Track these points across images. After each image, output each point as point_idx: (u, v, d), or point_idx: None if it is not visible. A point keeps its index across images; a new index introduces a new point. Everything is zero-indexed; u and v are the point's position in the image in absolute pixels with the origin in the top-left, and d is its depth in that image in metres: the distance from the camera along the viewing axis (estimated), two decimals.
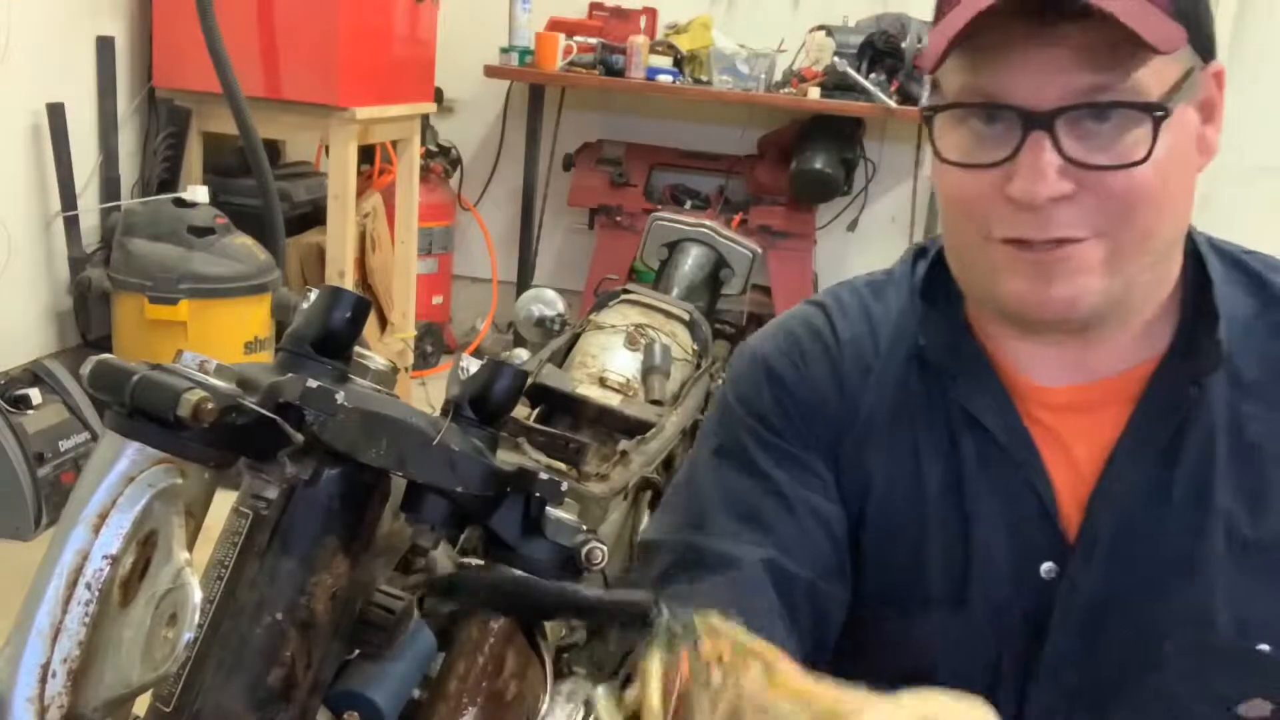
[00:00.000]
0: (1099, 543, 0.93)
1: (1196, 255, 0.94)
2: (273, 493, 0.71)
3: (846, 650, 0.98)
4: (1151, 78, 0.81)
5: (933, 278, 1.00)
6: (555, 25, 4.44)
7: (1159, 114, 0.81)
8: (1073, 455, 0.95)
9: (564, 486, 0.74)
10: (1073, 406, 0.95)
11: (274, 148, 3.91)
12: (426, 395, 3.98)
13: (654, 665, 0.65)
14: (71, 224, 3.27)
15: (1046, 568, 0.94)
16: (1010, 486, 0.95)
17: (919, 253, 1.05)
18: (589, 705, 0.84)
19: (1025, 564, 0.95)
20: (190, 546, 0.65)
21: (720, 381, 1.68)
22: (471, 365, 0.78)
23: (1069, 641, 0.94)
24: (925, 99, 0.91)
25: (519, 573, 0.75)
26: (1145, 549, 0.92)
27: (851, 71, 4.10)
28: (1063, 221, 0.84)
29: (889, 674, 0.71)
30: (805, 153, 4.24)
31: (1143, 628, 0.92)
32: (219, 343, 3.10)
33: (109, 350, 3.07)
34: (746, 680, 0.64)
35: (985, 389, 0.96)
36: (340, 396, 0.67)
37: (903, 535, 0.99)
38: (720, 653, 0.65)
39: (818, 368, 1.01)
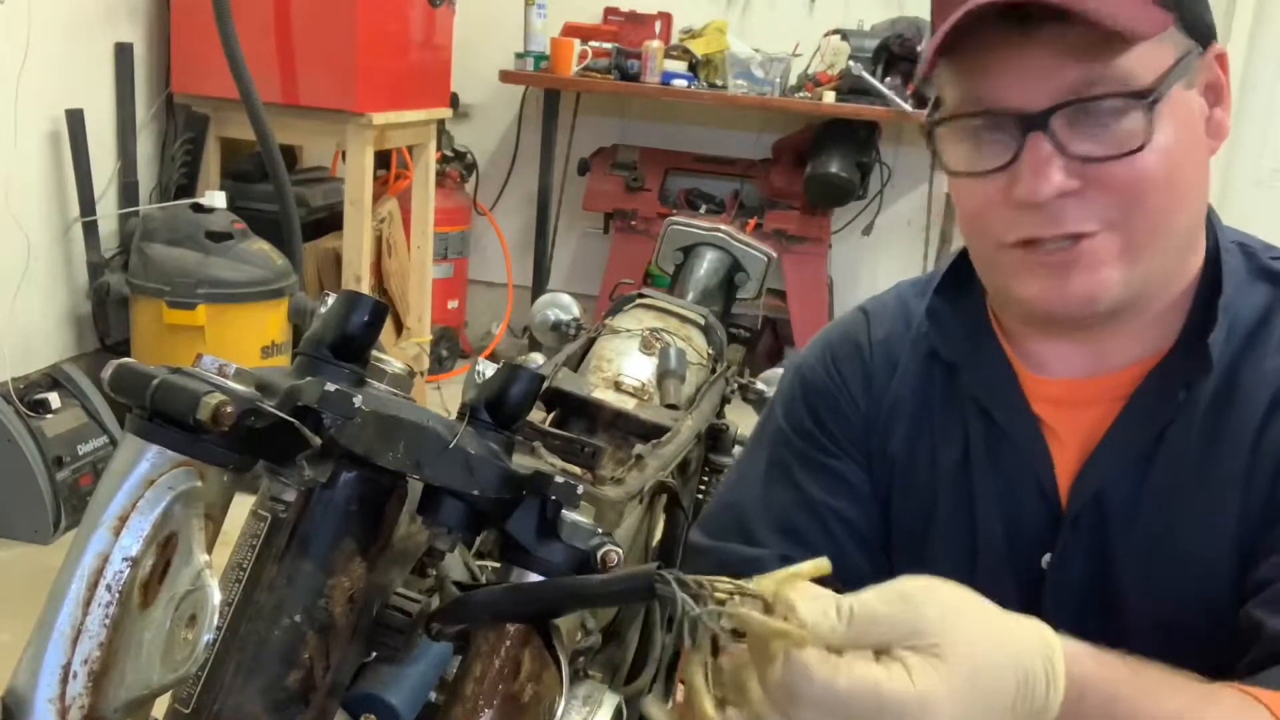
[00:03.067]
0: (1079, 535, 0.95)
1: (1218, 255, 0.94)
2: (291, 496, 0.71)
3: None
4: (1140, 65, 0.83)
5: (958, 271, 1.02)
6: (570, 30, 4.45)
7: (1150, 99, 0.82)
8: (1067, 448, 0.97)
9: (579, 490, 0.74)
10: (1070, 401, 0.97)
11: (291, 153, 3.93)
12: (442, 399, 3.99)
13: (697, 678, 0.65)
14: (90, 229, 3.30)
15: (1048, 559, 0.95)
16: (1014, 475, 0.98)
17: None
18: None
19: (1027, 551, 0.98)
20: (209, 549, 0.65)
21: (735, 387, 1.69)
22: (487, 369, 0.78)
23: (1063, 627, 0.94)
24: (927, 114, 0.93)
25: (520, 579, 0.75)
26: (1121, 545, 0.94)
27: (866, 75, 4.09)
28: (1072, 217, 0.85)
29: None
30: (820, 157, 4.24)
31: (1124, 621, 0.94)
32: (236, 347, 3.11)
33: (127, 354, 3.08)
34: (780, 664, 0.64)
35: (996, 379, 0.99)
36: (358, 400, 0.67)
37: (917, 518, 1.03)
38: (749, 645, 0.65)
39: (849, 370, 1.07)
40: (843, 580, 1.00)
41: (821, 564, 0.68)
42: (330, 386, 0.66)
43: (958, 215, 0.94)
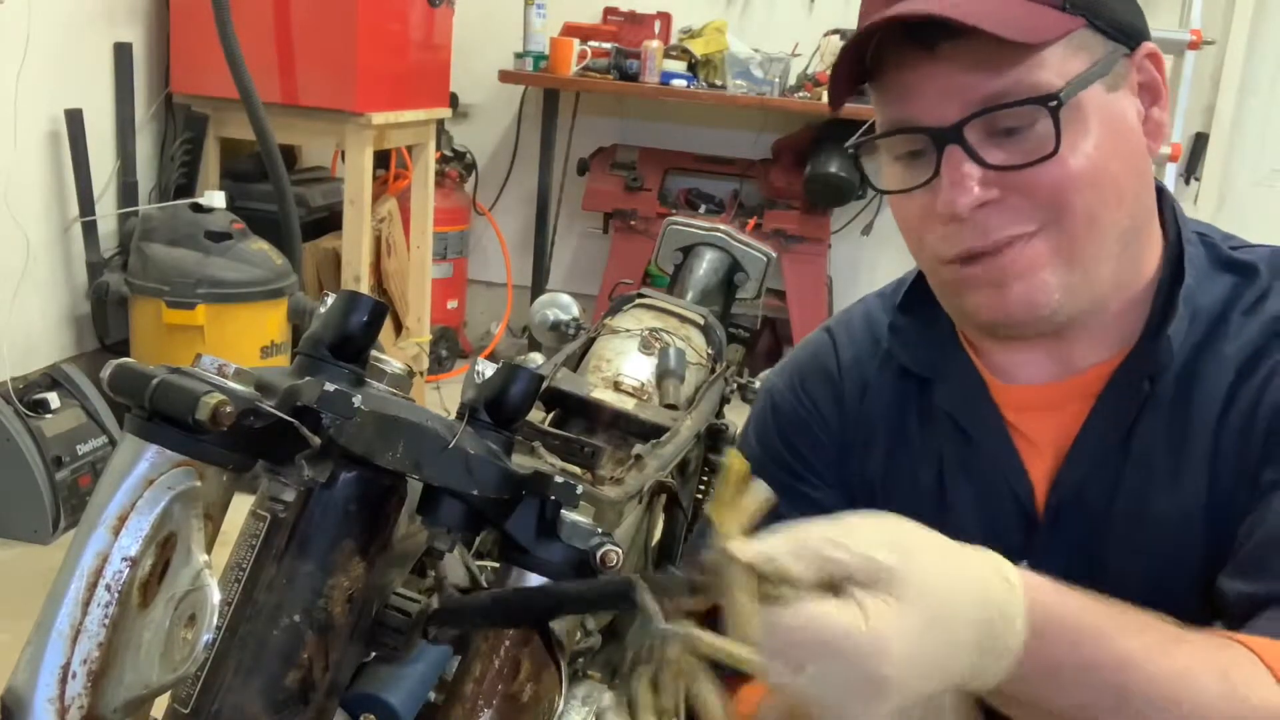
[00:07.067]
0: (1059, 534, 0.96)
1: (1180, 251, 0.95)
2: (290, 496, 0.71)
3: None
4: (1048, 73, 0.84)
5: (921, 285, 1.03)
6: (570, 30, 4.45)
7: (1053, 104, 0.83)
8: (1042, 452, 0.97)
9: (579, 490, 0.74)
10: (1038, 404, 0.97)
11: (290, 153, 3.93)
12: (441, 399, 3.99)
13: (642, 691, 0.66)
14: (89, 229, 3.29)
15: (1024, 565, 0.96)
16: (989, 483, 0.98)
17: None
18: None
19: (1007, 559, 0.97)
20: (209, 549, 0.65)
21: (734, 387, 1.69)
22: (487, 369, 0.78)
23: None
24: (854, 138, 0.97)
25: (520, 579, 0.75)
26: (1100, 541, 0.94)
27: None
28: (998, 224, 0.87)
29: None
30: (819, 157, 4.24)
31: None
32: (235, 347, 3.11)
33: (126, 354, 3.08)
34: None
35: (964, 390, 0.99)
36: (357, 400, 0.67)
37: None
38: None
39: (820, 394, 1.07)
40: None
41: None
42: (329, 386, 0.66)
43: (901, 233, 0.95)
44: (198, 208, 3.24)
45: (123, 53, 3.42)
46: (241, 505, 0.73)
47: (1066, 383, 0.96)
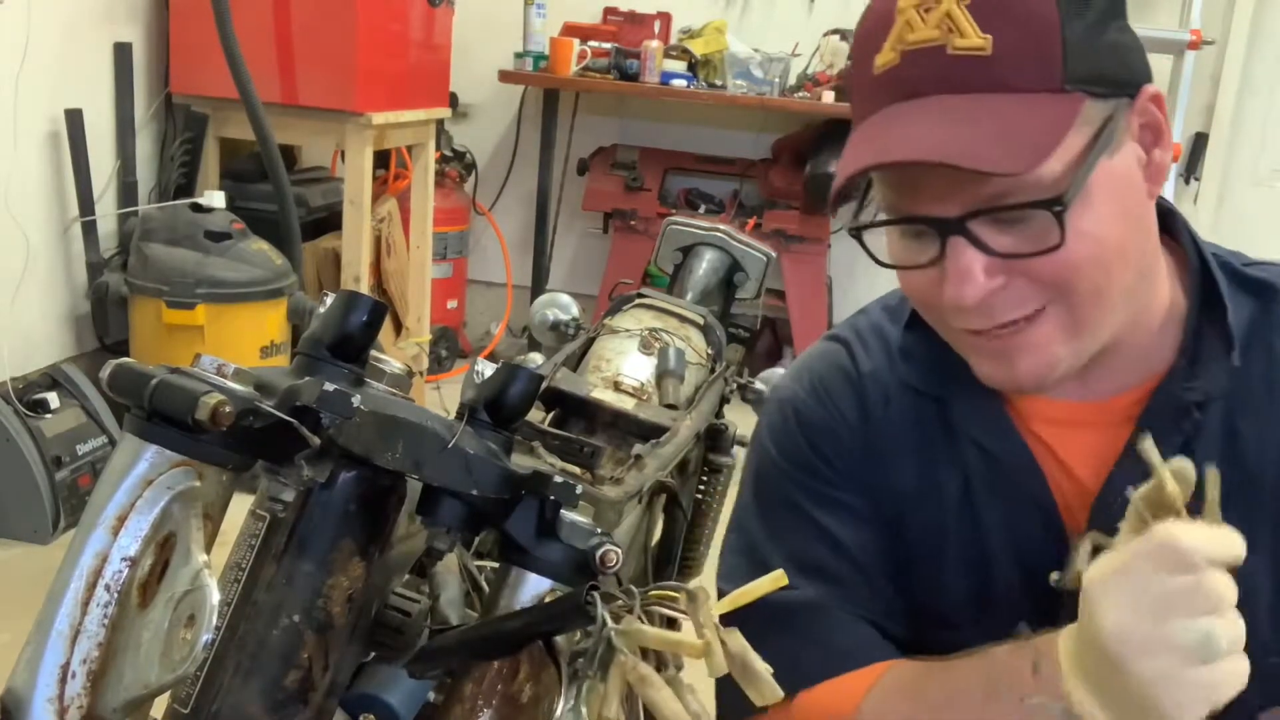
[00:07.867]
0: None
1: (1205, 273, 0.94)
2: (289, 496, 0.71)
3: None
4: (1051, 162, 0.81)
5: None
6: (570, 30, 4.45)
7: (1058, 209, 0.82)
8: (1072, 469, 0.96)
9: (578, 490, 0.74)
10: (1071, 421, 0.96)
11: (290, 153, 3.93)
12: (441, 399, 3.99)
13: (593, 705, 0.66)
14: (89, 229, 3.29)
15: (1055, 577, 0.95)
16: (1016, 501, 0.97)
17: None
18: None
19: (1036, 575, 0.96)
20: (208, 549, 0.65)
21: (734, 386, 1.69)
22: (486, 369, 0.78)
23: None
24: (852, 216, 0.95)
25: (519, 579, 0.76)
26: None
27: None
28: (1004, 308, 0.86)
29: None
30: (820, 157, 4.23)
31: None
32: (235, 347, 3.11)
33: (126, 354, 3.08)
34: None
35: (983, 409, 0.98)
36: (356, 400, 0.67)
37: (929, 545, 1.02)
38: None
39: (843, 401, 1.05)
40: (869, 610, 1.01)
41: (778, 577, 0.68)
42: (329, 386, 0.66)
43: (906, 295, 0.95)
44: (198, 208, 3.24)
45: (123, 53, 3.42)
46: (241, 505, 0.73)
47: (1100, 404, 0.95)
